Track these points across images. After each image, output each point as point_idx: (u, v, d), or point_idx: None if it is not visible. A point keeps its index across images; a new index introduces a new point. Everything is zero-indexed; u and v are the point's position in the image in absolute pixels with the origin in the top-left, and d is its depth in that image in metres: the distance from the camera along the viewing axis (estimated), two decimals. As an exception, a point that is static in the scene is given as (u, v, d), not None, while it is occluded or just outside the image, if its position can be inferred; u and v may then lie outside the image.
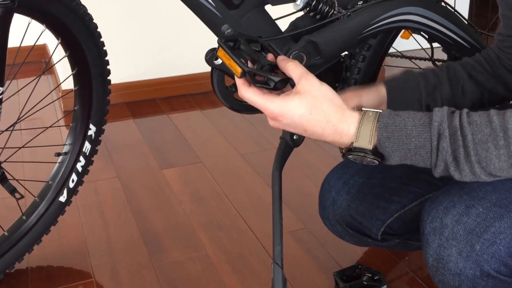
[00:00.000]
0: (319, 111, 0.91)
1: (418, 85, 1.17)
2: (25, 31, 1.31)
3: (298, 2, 1.30)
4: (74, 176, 1.56)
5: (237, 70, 0.93)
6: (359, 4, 1.38)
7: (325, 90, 0.93)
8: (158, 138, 2.43)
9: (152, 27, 2.73)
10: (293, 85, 0.95)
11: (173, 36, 2.77)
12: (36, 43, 1.48)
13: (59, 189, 1.55)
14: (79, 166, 1.56)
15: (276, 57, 1.00)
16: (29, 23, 1.29)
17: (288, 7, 1.33)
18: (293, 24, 1.36)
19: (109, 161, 2.22)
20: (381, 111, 0.92)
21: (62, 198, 1.56)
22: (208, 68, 1.27)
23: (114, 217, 1.86)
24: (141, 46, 2.75)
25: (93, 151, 1.58)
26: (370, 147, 0.90)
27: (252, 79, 0.94)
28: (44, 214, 1.55)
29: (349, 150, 0.93)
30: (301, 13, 1.35)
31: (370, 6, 1.35)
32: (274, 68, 0.98)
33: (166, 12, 2.66)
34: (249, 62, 0.97)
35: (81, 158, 1.56)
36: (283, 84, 0.94)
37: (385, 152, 0.91)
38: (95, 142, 1.57)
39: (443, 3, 1.44)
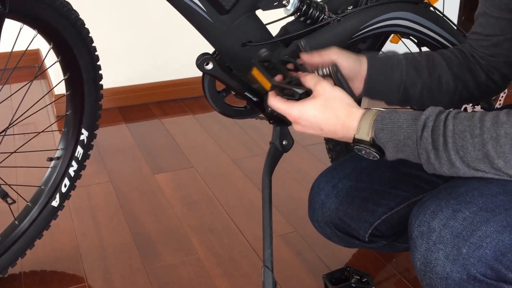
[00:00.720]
0: (330, 110, 1.01)
1: (400, 69, 1.20)
2: (17, 36, 1.31)
3: (288, 7, 1.31)
4: (66, 181, 1.57)
5: (267, 84, 1.08)
6: (349, 9, 1.39)
7: (336, 92, 1.03)
8: (150, 142, 2.44)
9: (144, 32, 2.74)
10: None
11: (165, 41, 2.78)
12: (30, 48, 1.48)
13: (52, 194, 1.56)
14: (71, 171, 1.57)
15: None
16: (20, 28, 1.30)
17: (279, 12, 1.34)
18: (284, 29, 1.37)
19: (102, 165, 2.22)
20: (383, 109, 0.99)
21: (55, 203, 1.57)
22: (200, 73, 1.29)
23: (106, 221, 1.87)
24: (133, 51, 2.76)
25: (86, 156, 1.59)
26: (368, 138, 0.98)
27: (281, 92, 1.07)
28: (37, 219, 1.55)
29: (353, 142, 1.00)
30: (292, 18, 1.37)
31: (359, 11, 1.37)
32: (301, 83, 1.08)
33: (158, 17, 2.67)
34: (279, 77, 1.10)
35: (74, 163, 1.56)
36: (307, 95, 1.05)
37: (380, 143, 0.97)
38: (87, 147, 1.57)
39: (431, 8, 1.45)
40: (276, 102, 1.06)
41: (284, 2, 1.30)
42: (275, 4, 1.30)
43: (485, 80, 1.24)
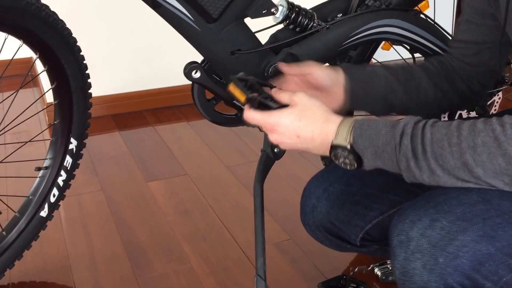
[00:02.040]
0: (307, 116, 1.00)
1: (380, 78, 1.21)
2: (2, 45, 1.30)
3: (277, 15, 1.30)
4: (55, 191, 1.55)
5: (242, 97, 1.07)
6: (339, 17, 1.39)
7: (313, 100, 1.02)
8: (144, 150, 2.43)
9: (138, 39, 2.72)
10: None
11: (159, 48, 2.77)
12: (22, 56, 1.47)
13: (40, 204, 1.54)
14: (60, 181, 1.55)
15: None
16: (5, 38, 1.28)
17: (268, 20, 1.33)
18: (273, 37, 1.36)
19: (94, 174, 2.20)
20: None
21: (43, 213, 1.55)
22: (194, 80, 1.28)
23: (97, 230, 1.85)
24: (127, 58, 2.75)
25: (75, 165, 1.57)
26: (347, 144, 0.96)
27: (256, 106, 1.06)
28: (25, 229, 1.53)
29: (331, 148, 0.99)
30: (281, 26, 1.36)
31: (349, 18, 1.36)
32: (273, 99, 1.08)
33: (152, 24, 2.65)
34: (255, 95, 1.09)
35: (62, 173, 1.55)
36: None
37: (359, 150, 0.96)
38: (76, 156, 1.56)
39: (422, 15, 1.45)
40: (251, 113, 1.05)
41: (273, 10, 1.29)
42: (263, 12, 1.29)
43: (465, 90, 1.24)
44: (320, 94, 1.18)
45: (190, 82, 1.33)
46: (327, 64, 1.27)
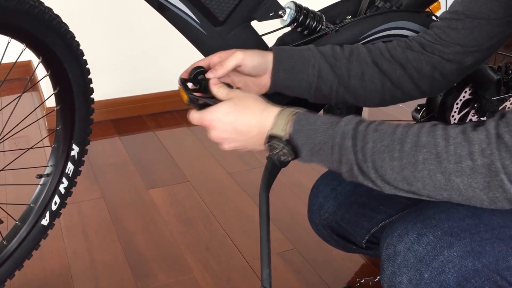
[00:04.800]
0: (244, 107, 0.98)
1: (311, 64, 1.14)
2: (5, 49, 1.26)
3: (285, 18, 1.27)
4: (56, 199, 1.51)
5: (185, 97, 1.08)
6: (348, 19, 1.36)
7: (248, 94, 1.01)
8: (144, 156, 2.39)
9: (138, 43, 2.69)
10: None
11: (159, 52, 2.74)
12: (21, 60, 1.44)
13: (41, 212, 1.50)
14: (61, 188, 1.51)
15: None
16: (8, 42, 1.25)
17: (275, 23, 1.30)
18: (280, 40, 1.33)
19: (94, 181, 2.17)
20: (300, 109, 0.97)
21: (45, 221, 1.51)
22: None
23: (98, 239, 1.81)
24: (127, 62, 2.72)
25: (76, 172, 1.53)
26: (283, 134, 0.94)
27: (197, 106, 1.05)
28: (26, 238, 1.49)
29: (267, 139, 0.97)
30: (289, 29, 1.33)
31: (359, 21, 1.33)
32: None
33: (152, 28, 2.63)
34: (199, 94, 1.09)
35: (64, 180, 1.51)
36: None
37: (296, 145, 0.94)
38: (78, 163, 1.52)
39: (433, 17, 1.41)
40: (192, 114, 1.03)
41: (280, 12, 1.27)
42: (271, 14, 1.27)
43: (431, 74, 1.15)
44: (251, 78, 1.14)
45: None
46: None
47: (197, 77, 1.11)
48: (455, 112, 1.60)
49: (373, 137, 0.88)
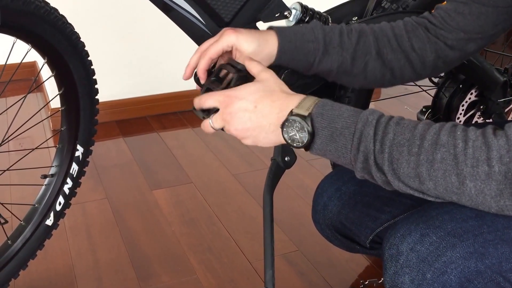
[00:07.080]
0: (271, 91, 0.95)
1: (315, 48, 1.12)
2: (10, 49, 1.27)
3: (290, 19, 1.28)
4: (61, 199, 1.52)
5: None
6: (354, 20, 1.36)
7: (279, 80, 0.98)
8: (148, 157, 2.39)
9: (142, 44, 2.70)
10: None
11: (164, 53, 2.74)
12: (26, 60, 1.44)
13: (46, 213, 1.50)
14: (66, 189, 1.52)
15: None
16: (14, 42, 1.25)
17: (281, 24, 1.30)
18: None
19: (98, 181, 2.17)
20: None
21: (49, 222, 1.51)
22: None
23: (102, 240, 1.82)
24: (131, 63, 2.72)
25: (81, 173, 1.53)
26: (306, 114, 0.91)
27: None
28: (30, 238, 1.49)
29: (288, 115, 0.93)
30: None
31: (364, 22, 1.32)
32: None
33: (156, 29, 2.63)
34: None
35: (68, 180, 1.51)
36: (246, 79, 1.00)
37: (316, 128, 0.91)
38: (82, 163, 1.52)
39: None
40: (209, 94, 0.98)
41: (286, 13, 1.27)
42: (276, 15, 1.26)
43: (434, 63, 1.16)
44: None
45: (194, 88, 1.29)
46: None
47: (211, 72, 1.07)
48: (460, 114, 1.60)
49: (395, 130, 0.86)
